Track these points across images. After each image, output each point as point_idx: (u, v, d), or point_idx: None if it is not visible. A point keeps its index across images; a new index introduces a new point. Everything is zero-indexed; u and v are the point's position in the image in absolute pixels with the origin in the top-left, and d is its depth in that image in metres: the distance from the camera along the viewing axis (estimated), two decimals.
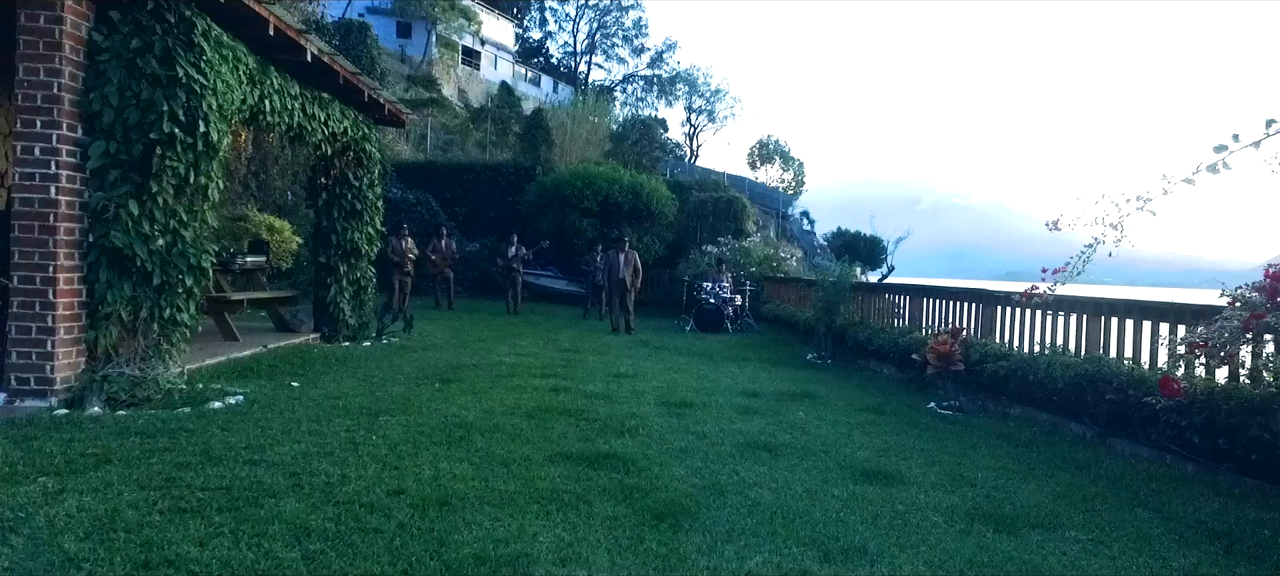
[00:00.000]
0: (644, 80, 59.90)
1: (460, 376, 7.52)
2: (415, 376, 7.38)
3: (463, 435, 5.00)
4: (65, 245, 5.14)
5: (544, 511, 3.61)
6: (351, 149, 9.54)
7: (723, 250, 17.86)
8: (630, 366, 9.17)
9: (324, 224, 9.68)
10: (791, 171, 45.08)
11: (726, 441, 5.37)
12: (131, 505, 3.32)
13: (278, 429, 4.85)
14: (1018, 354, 6.79)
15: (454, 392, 6.59)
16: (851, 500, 4.13)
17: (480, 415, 5.68)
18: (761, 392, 7.65)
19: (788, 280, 17.00)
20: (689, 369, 9.31)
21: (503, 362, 8.77)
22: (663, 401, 6.83)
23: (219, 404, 5.44)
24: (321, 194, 9.63)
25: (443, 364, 8.36)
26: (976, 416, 6.81)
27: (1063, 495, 4.41)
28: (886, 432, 5.98)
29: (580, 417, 5.85)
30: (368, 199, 9.92)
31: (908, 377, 8.92)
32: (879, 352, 9.60)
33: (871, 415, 6.69)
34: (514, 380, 7.51)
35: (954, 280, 12.62)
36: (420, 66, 45.39)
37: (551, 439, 5.09)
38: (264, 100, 6.95)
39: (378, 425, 5.14)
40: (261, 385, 6.39)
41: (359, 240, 9.80)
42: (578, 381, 7.69)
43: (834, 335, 10.98)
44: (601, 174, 20.18)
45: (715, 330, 14.50)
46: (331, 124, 8.66)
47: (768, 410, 6.71)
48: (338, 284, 9.72)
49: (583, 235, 18.98)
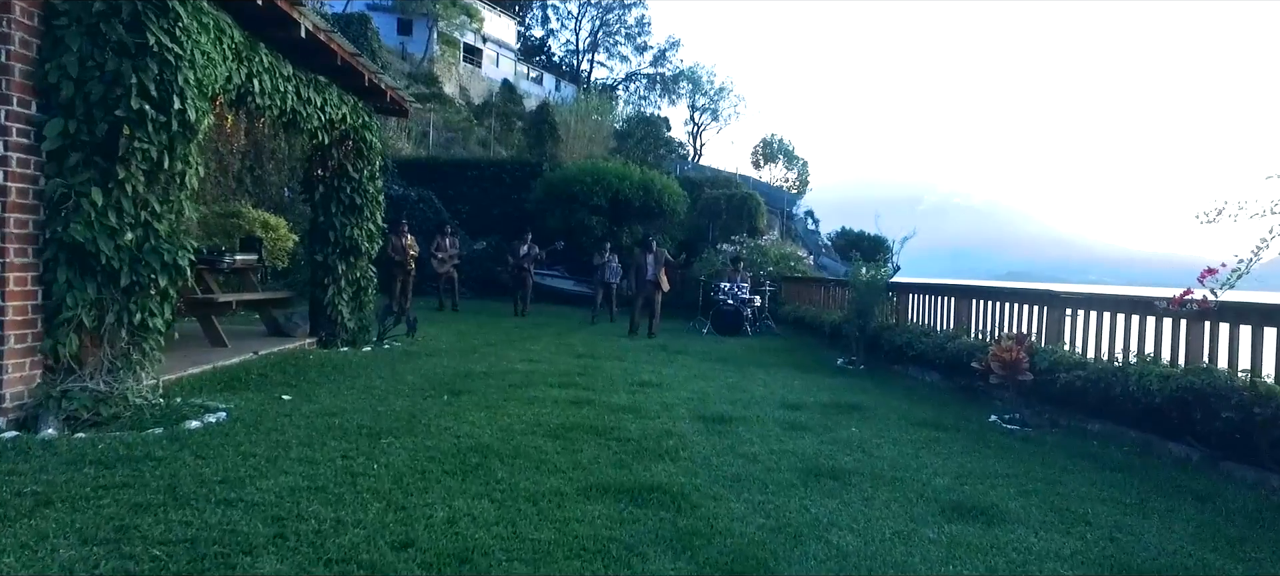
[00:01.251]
0: (647, 78, 59.27)
1: (471, 386, 6.80)
2: (421, 387, 6.66)
3: (479, 461, 4.28)
4: (16, 240, 4.41)
5: (588, 570, 2.89)
6: (350, 138, 8.82)
7: (739, 249, 17.11)
8: (652, 373, 8.45)
9: (321, 219, 8.95)
10: (795, 170, 44.51)
11: (782, 465, 4.65)
12: (65, 569, 2.59)
13: (262, 455, 4.13)
14: (1097, 363, 6.06)
15: (465, 406, 5.86)
16: (953, 545, 3.41)
17: (497, 435, 4.96)
18: (803, 404, 6.92)
19: (808, 280, 16.28)
20: (715, 376, 8.59)
21: (515, 370, 8.05)
22: (698, 415, 6.11)
23: (196, 423, 4.72)
24: (318, 187, 8.90)
25: (450, 372, 7.64)
26: (1048, 433, 6.08)
27: (1200, 537, 3.68)
28: (957, 453, 5.26)
29: (610, 437, 5.12)
30: (368, 193, 9.19)
31: (955, 386, 8.20)
32: (921, 359, 8.87)
33: (932, 431, 5.97)
34: (530, 391, 6.78)
35: (970, 280, 11.89)
36: (421, 64, 44.73)
37: (582, 465, 4.37)
38: (253, 80, 6.22)
39: (379, 449, 4.41)
40: (249, 398, 5.66)
41: (358, 237, 9.07)
42: (600, 392, 6.97)
43: (866, 339, 10.26)
44: (611, 170, 19.45)
45: (734, 333, 13.77)
46: (329, 110, 7.94)
47: (816, 425, 5.98)
48: (336, 284, 9.00)
49: (591, 233, 18.23)
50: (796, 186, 43.66)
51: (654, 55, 59.00)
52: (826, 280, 14.79)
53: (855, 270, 10.57)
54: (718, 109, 56.87)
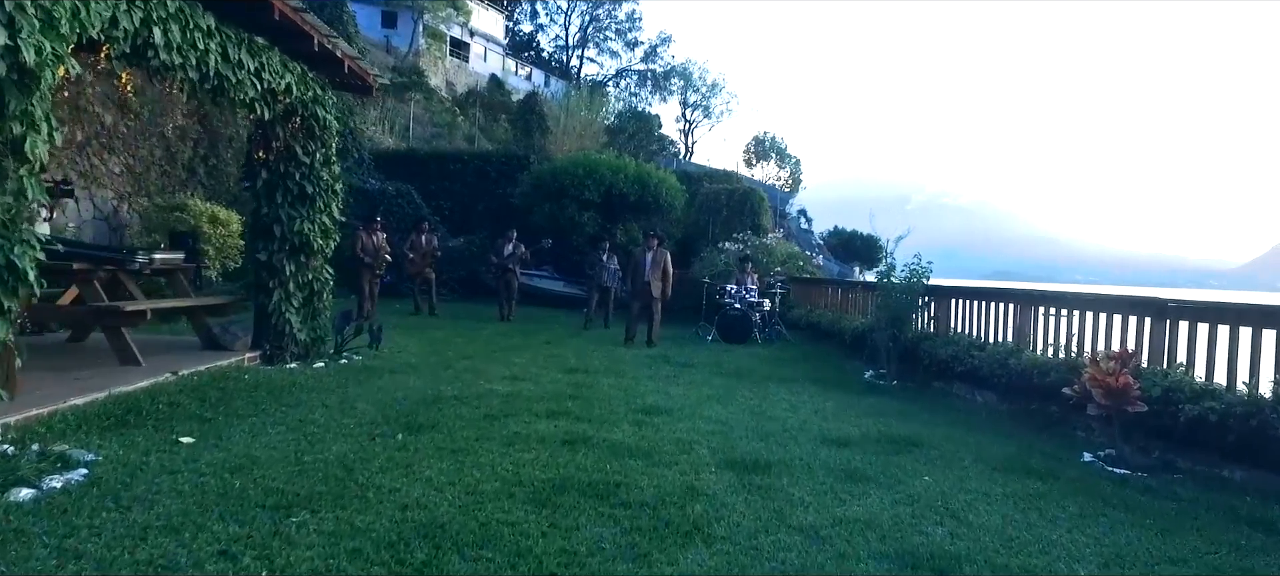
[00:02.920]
0: (638, 75, 57.98)
1: (436, 418, 5.41)
2: (372, 419, 5.27)
3: (428, 557, 2.92)
4: None
5: None
6: (299, 114, 7.41)
7: (746, 248, 15.74)
8: (659, 395, 7.10)
9: (264, 211, 7.54)
10: (788, 169, 43.33)
11: (857, 546, 3.33)
12: None
13: (99, 547, 2.75)
14: (1239, 393, 4.74)
15: (424, 452, 4.49)
16: None
17: (460, 504, 3.58)
18: (848, 438, 5.59)
19: (822, 281, 14.95)
20: (733, 397, 7.25)
21: (494, 392, 6.67)
22: (725, 459, 4.76)
23: (30, 492, 3.33)
24: (261, 172, 7.49)
25: (414, 395, 6.26)
26: (1172, 481, 4.77)
27: None
28: (1077, 518, 3.94)
29: (616, 500, 3.77)
30: (322, 180, 7.78)
31: (1016, 410, 6.90)
32: (972, 376, 7.56)
33: (1025, 480, 4.65)
34: (510, 423, 5.41)
35: (1027, 283, 10.66)
36: (406, 57, 43.24)
37: (579, 557, 3.01)
38: (151, 28, 4.81)
39: (282, 538, 3.03)
40: (134, 443, 4.27)
41: (310, 232, 7.66)
42: (598, 422, 5.61)
43: (900, 350, 8.94)
44: (604, 162, 18.02)
45: (742, 340, 12.42)
46: (268, 77, 6.53)
47: (876, 473, 4.65)
48: (283, 288, 7.59)
49: (583, 231, 16.83)
50: (789, 185, 42.53)
51: (645, 51, 57.74)
52: (844, 281, 13.47)
53: (885, 271, 9.23)
54: (710, 106, 55.71)
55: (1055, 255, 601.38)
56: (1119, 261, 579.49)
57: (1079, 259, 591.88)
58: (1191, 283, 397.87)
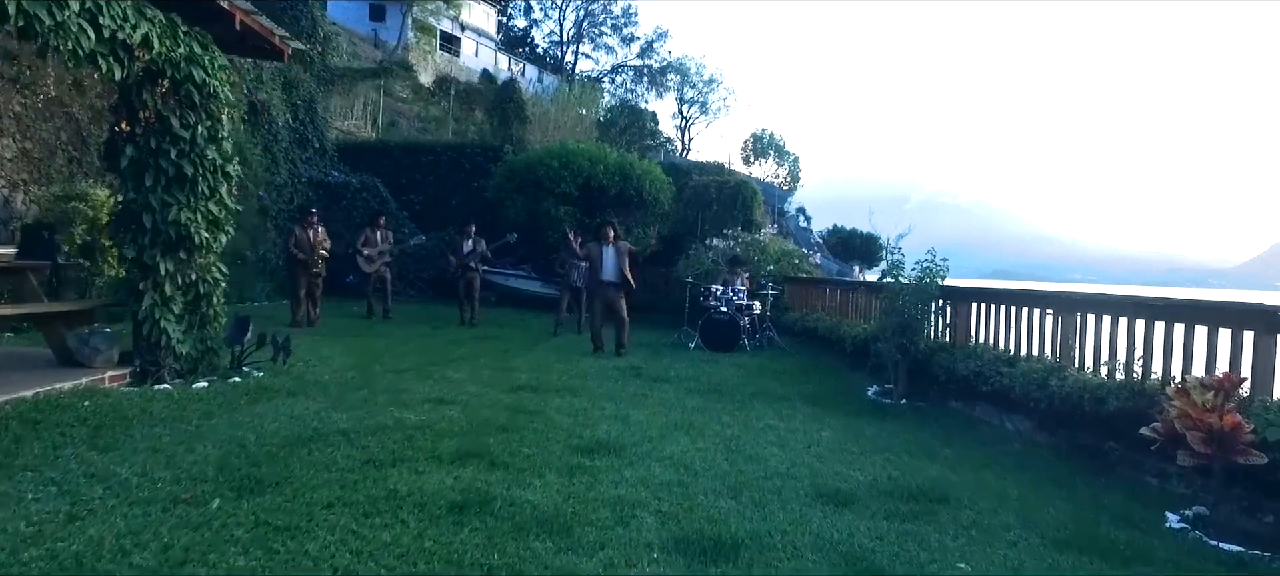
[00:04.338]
0: (633, 71, 56.63)
1: (289, 469, 3.99)
2: (198, 472, 3.86)
3: None
4: None
5: None
6: (167, 76, 6.00)
7: (735, 245, 14.28)
8: (615, 422, 5.70)
9: (132, 197, 6.13)
10: (786, 166, 42.02)
11: None
12: None
13: None
14: None
15: (228, 531, 3.08)
16: None
17: None
18: (851, 494, 4.18)
19: (819, 282, 13.52)
20: (707, 426, 5.84)
21: (402, 422, 5.26)
22: (677, 536, 3.36)
23: None
24: (125, 149, 6.08)
25: (287, 430, 4.84)
26: None
27: None
28: None
29: None
30: (207, 159, 6.36)
31: (1062, 443, 5.50)
32: (1001, 398, 6.16)
33: (1103, 565, 3.25)
34: (393, 475, 4.00)
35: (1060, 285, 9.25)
36: (395, 51, 41.87)
37: None
38: None
39: None
40: None
41: (190, 223, 6.25)
42: (516, 472, 4.20)
43: (910, 363, 7.54)
44: (582, 151, 16.56)
45: (728, 349, 11.00)
46: (108, 23, 5.12)
47: (889, 557, 3.25)
48: (158, 291, 6.19)
49: (559, 226, 15.39)
50: (788, 182, 41.22)
51: (641, 47, 56.39)
52: (844, 282, 12.06)
53: (894, 270, 7.82)
54: (707, 101, 54.32)
55: (1055, 254, 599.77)
56: (1119, 260, 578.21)
57: (1079, 257, 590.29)
58: (1191, 282, 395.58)
